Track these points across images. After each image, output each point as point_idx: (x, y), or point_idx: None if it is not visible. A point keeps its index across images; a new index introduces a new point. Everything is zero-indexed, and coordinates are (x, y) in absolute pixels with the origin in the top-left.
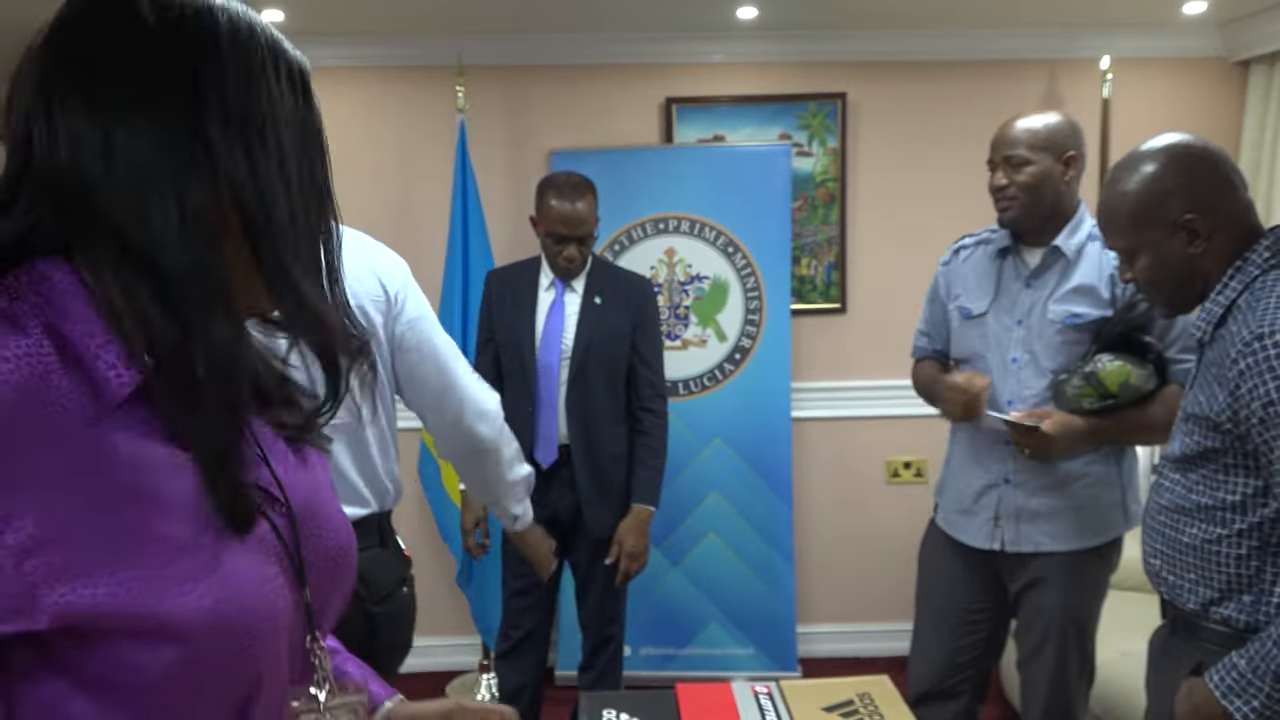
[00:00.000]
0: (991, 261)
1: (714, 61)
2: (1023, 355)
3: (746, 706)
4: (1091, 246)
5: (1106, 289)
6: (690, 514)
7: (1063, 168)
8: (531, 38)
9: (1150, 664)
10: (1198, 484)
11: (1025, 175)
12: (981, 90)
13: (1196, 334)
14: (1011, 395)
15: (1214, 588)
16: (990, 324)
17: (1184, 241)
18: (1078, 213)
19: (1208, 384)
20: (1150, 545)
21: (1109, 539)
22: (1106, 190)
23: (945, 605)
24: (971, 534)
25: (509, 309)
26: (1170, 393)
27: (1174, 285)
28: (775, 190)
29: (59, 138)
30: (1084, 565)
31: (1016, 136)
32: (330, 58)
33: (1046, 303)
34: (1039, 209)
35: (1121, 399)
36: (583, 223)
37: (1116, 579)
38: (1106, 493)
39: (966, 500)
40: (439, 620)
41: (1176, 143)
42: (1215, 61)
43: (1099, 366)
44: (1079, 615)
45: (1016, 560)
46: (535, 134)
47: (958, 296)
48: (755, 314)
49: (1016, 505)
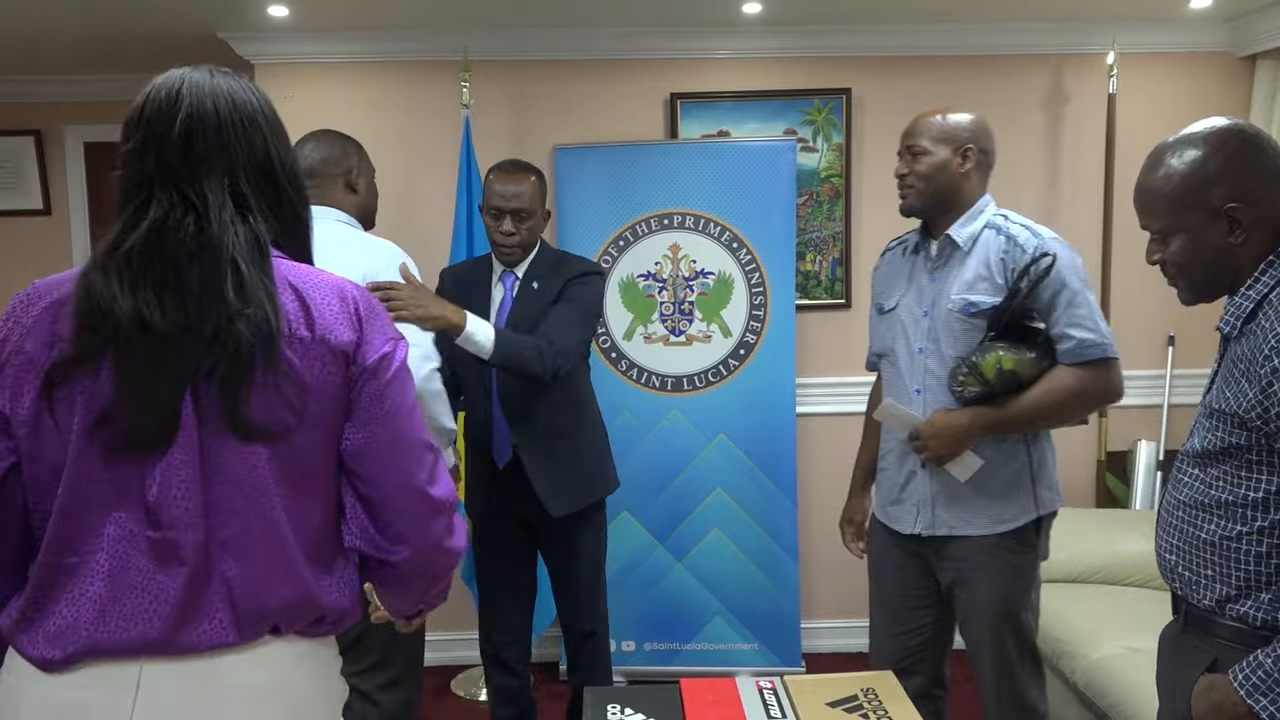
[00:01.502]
0: (905, 258)
1: (719, 57)
2: (928, 344)
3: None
4: (986, 235)
5: (1000, 275)
6: (694, 510)
7: (959, 160)
8: (536, 33)
9: (1161, 661)
10: (1218, 479)
11: (923, 165)
12: (987, 85)
13: (1224, 328)
14: (918, 384)
15: (1231, 585)
16: (901, 316)
17: (1224, 230)
18: (977, 204)
19: (1234, 380)
20: (1166, 540)
21: (1021, 524)
22: (1147, 170)
23: (891, 592)
24: (901, 521)
25: (459, 304)
26: (1052, 375)
27: (1204, 273)
28: (780, 186)
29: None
30: (1003, 553)
31: (918, 129)
32: (335, 53)
33: (948, 293)
34: (934, 198)
35: (997, 386)
36: (514, 196)
37: (1119, 574)
38: (1014, 478)
39: (895, 490)
40: (444, 615)
41: (1227, 126)
42: (1221, 56)
43: (979, 356)
44: (1009, 605)
45: (939, 546)
46: (539, 129)
47: (879, 295)
48: (760, 310)
49: (932, 492)
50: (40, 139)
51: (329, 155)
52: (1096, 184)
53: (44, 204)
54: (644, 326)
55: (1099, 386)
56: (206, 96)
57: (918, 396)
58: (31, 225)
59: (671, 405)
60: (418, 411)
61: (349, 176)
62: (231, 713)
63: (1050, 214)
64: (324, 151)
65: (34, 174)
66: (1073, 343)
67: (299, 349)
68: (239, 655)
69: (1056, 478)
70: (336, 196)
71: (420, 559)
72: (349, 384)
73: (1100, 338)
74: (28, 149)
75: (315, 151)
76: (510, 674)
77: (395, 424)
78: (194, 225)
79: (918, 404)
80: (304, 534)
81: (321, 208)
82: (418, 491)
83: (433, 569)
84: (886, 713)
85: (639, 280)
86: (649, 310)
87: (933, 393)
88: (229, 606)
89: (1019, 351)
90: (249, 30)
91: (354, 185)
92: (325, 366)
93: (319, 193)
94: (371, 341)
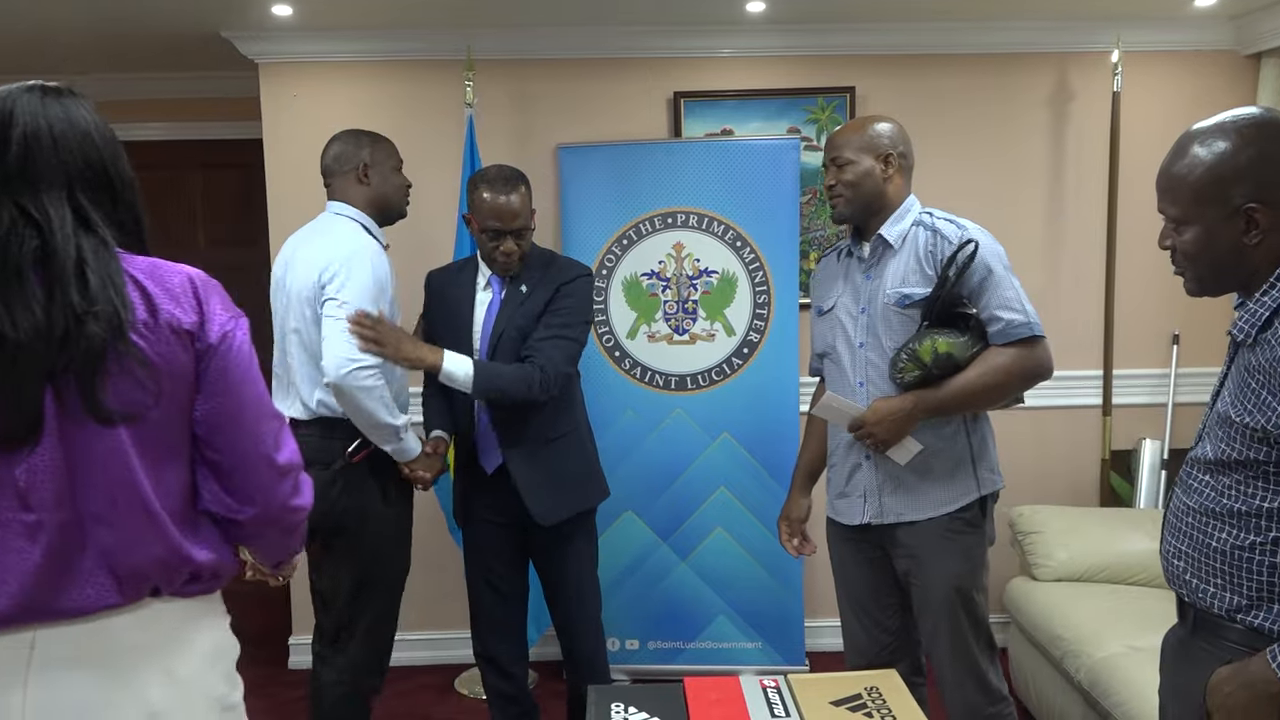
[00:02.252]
0: (839, 261)
1: (722, 55)
2: (868, 339)
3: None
4: (914, 231)
5: (929, 266)
6: (698, 509)
7: (882, 166)
8: (539, 31)
9: (1165, 666)
10: (1230, 488)
11: (848, 174)
12: (991, 84)
13: (1237, 335)
14: (861, 378)
15: (1243, 594)
16: (839, 315)
17: (1240, 229)
18: (903, 205)
19: (1253, 391)
20: (1174, 546)
21: (964, 504)
22: (1173, 155)
23: (857, 588)
24: (849, 514)
25: (445, 311)
26: (986, 356)
27: (1212, 267)
28: (783, 184)
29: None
30: (951, 535)
31: (840, 141)
32: (339, 52)
33: (882, 288)
34: (862, 203)
35: (934, 369)
36: (516, 215)
37: (1123, 573)
38: (955, 460)
39: (842, 483)
40: (447, 614)
41: (1263, 120)
42: (1226, 55)
43: (916, 342)
44: (961, 585)
45: (888, 534)
46: (542, 128)
47: (817, 298)
48: (763, 308)
49: (877, 481)
50: None
51: (341, 153)
52: (1101, 182)
53: None
54: (648, 325)
55: (1030, 363)
56: (40, 116)
57: (861, 389)
58: None
59: (675, 404)
60: (261, 383)
61: (359, 171)
62: (123, 669)
63: (1054, 212)
64: (336, 150)
65: None
66: (1001, 324)
67: (147, 336)
68: (125, 616)
69: (996, 459)
70: (349, 191)
71: (267, 517)
72: (196, 361)
73: (1026, 317)
74: None
75: (329, 153)
76: (503, 676)
77: (239, 395)
78: (35, 238)
79: (861, 396)
80: (167, 500)
81: (331, 202)
82: (264, 457)
83: (281, 524)
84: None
85: (643, 279)
86: (653, 309)
87: (875, 385)
88: (108, 571)
89: (953, 335)
90: (253, 30)
91: (364, 177)
92: (172, 348)
93: (333, 189)
94: (212, 321)
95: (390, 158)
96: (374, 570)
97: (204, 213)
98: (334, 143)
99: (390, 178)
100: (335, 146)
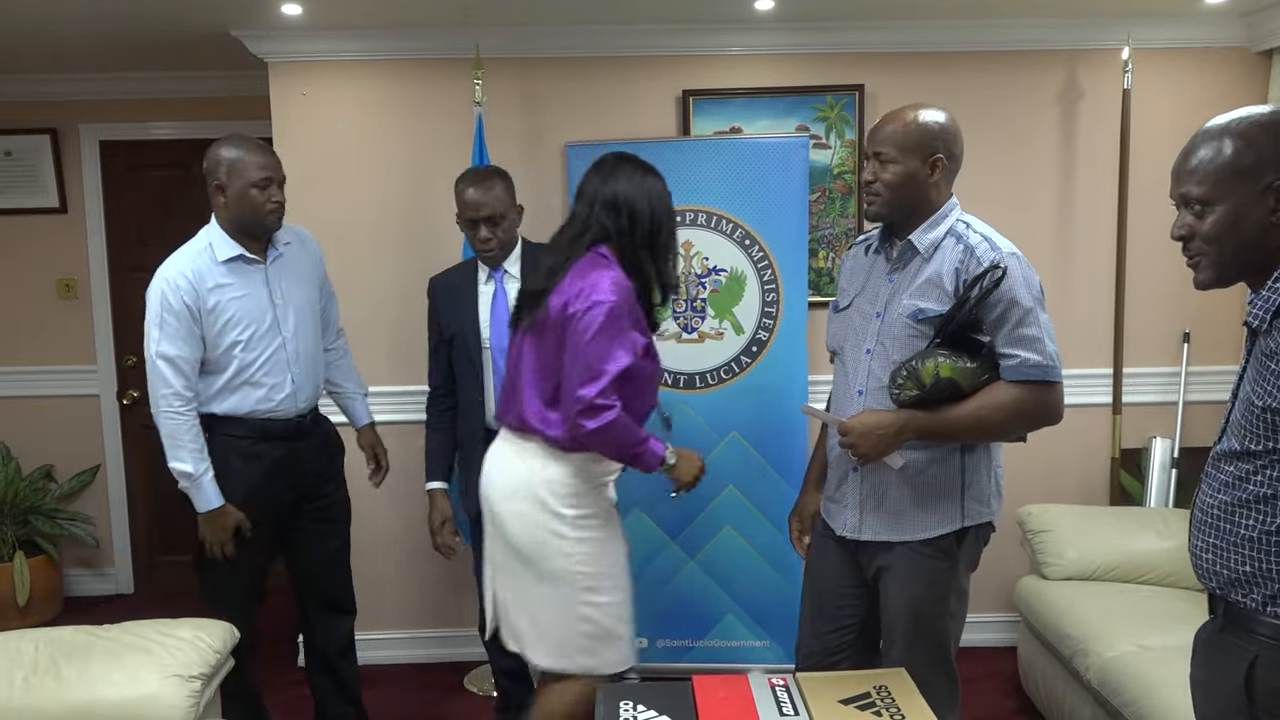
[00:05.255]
0: (866, 256)
1: (731, 53)
2: (875, 346)
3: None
4: (947, 242)
5: (952, 283)
6: (706, 507)
7: (928, 170)
8: (548, 30)
9: (1197, 660)
10: (1254, 474)
11: (890, 174)
12: (1001, 81)
13: (1253, 322)
14: (861, 386)
15: (1275, 580)
16: (853, 316)
17: (1268, 208)
18: (941, 209)
19: (1272, 373)
20: (1202, 540)
21: (942, 533)
22: (1198, 140)
23: (819, 586)
24: (836, 521)
25: (453, 308)
26: (990, 390)
27: (1236, 249)
28: (792, 182)
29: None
30: (920, 558)
31: (885, 135)
32: (348, 51)
33: (900, 296)
34: (901, 206)
35: (932, 393)
36: (484, 205)
37: (1133, 572)
38: (942, 487)
39: (834, 488)
40: (456, 612)
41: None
42: (1237, 51)
43: (919, 361)
44: (921, 610)
45: (866, 549)
46: (551, 127)
47: (840, 291)
48: (772, 307)
49: (862, 494)
50: (56, 137)
51: (205, 168)
52: (1111, 180)
53: (60, 202)
54: None
55: (1037, 408)
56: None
57: (860, 398)
58: (48, 223)
59: (683, 402)
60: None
61: (217, 189)
62: (511, 465)
63: (1065, 210)
64: (205, 165)
65: (50, 172)
66: (1016, 360)
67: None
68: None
69: (991, 490)
70: (215, 209)
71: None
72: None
73: (1045, 359)
74: (44, 147)
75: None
76: (504, 653)
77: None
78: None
79: (858, 405)
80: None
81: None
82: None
83: (588, 444)
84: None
85: None
86: None
87: (874, 396)
88: (517, 414)
89: (959, 360)
90: (262, 29)
91: (219, 195)
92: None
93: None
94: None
95: (239, 168)
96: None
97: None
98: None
99: (241, 193)
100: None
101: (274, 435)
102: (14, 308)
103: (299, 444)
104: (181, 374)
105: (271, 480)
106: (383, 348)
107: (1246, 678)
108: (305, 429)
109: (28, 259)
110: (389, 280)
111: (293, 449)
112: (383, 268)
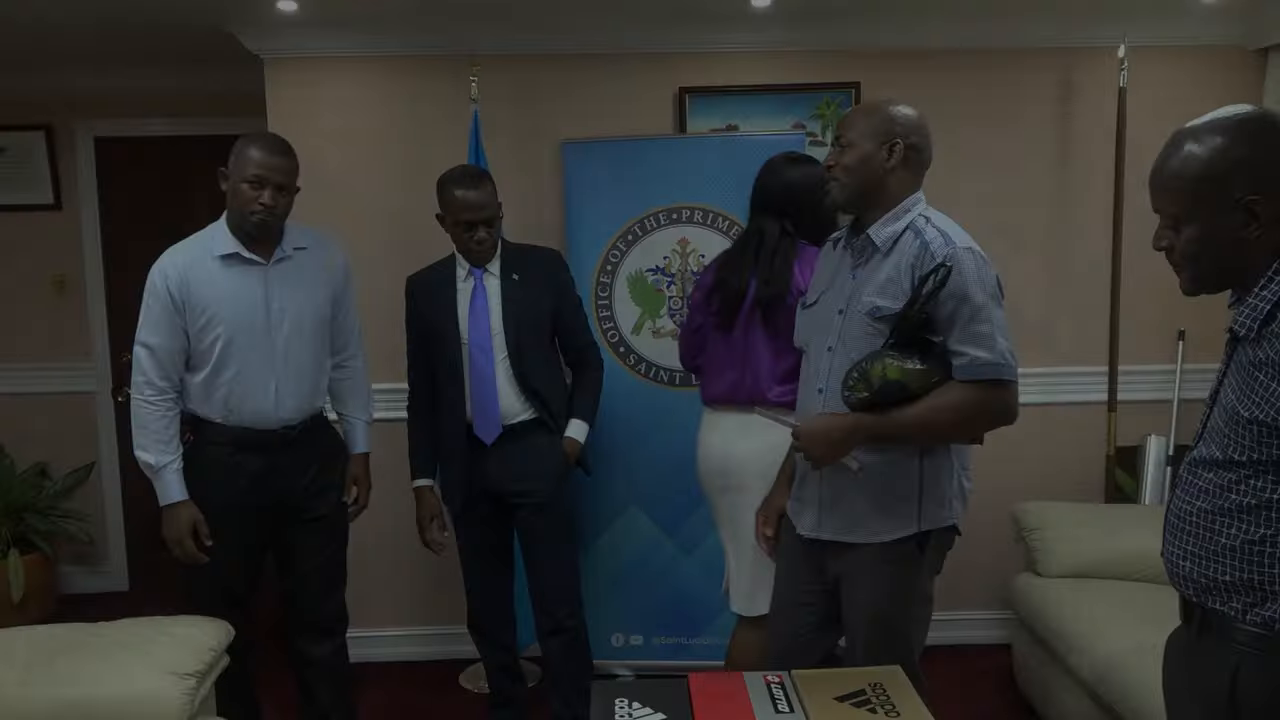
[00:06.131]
0: (835, 251)
1: (727, 51)
2: (837, 344)
3: (759, 696)
4: (906, 237)
5: (908, 280)
6: (702, 504)
7: (885, 154)
8: (544, 27)
9: (1169, 668)
10: (1238, 484)
11: (848, 157)
12: (997, 79)
13: (1238, 330)
14: (821, 384)
15: (1255, 589)
16: (819, 312)
17: (1240, 223)
18: (903, 203)
19: (1261, 385)
20: (1179, 548)
21: (898, 536)
22: (1167, 152)
23: (786, 581)
24: (799, 519)
25: (432, 306)
26: (942, 391)
27: (1213, 264)
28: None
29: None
30: (880, 562)
31: (848, 119)
32: (344, 47)
33: (861, 293)
34: (858, 191)
35: (878, 394)
36: (485, 206)
37: (1128, 569)
38: (900, 490)
39: (797, 487)
40: (450, 610)
41: (1257, 115)
42: (1234, 50)
43: (869, 362)
44: (879, 612)
45: (827, 548)
46: (547, 124)
47: (811, 287)
48: None
49: (821, 494)
50: (51, 133)
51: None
52: (1107, 178)
53: (54, 198)
54: (653, 321)
55: (990, 408)
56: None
57: (819, 396)
58: (42, 219)
59: (680, 399)
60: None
61: (223, 179)
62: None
63: (1060, 209)
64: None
65: (45, 168)
66: (966, 359)
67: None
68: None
69: (952, 494)
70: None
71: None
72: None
73: (997, 358)
74: (38, 143)
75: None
76: (495, 647)
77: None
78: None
79: (818, 404)
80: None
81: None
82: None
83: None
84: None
85: (648, 275)
86: (658, 305)
87: (832, 395)
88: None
89: (908, 361)
90: (258, 25)
91: (224, 186)
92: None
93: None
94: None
95: (239, 164)
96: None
97: (209, 207)
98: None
99: (234, 190)
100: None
101: (250, 446)
102: (8, 304)
103: (282, 457)
104: (157, 362)
105: (248, 495)
106: (376, 344)
107: (1230, 689)
108: (292, 440)
109: (22, 255)
110: (383, 276)
111: (274, 463)
112: (377, 264)
